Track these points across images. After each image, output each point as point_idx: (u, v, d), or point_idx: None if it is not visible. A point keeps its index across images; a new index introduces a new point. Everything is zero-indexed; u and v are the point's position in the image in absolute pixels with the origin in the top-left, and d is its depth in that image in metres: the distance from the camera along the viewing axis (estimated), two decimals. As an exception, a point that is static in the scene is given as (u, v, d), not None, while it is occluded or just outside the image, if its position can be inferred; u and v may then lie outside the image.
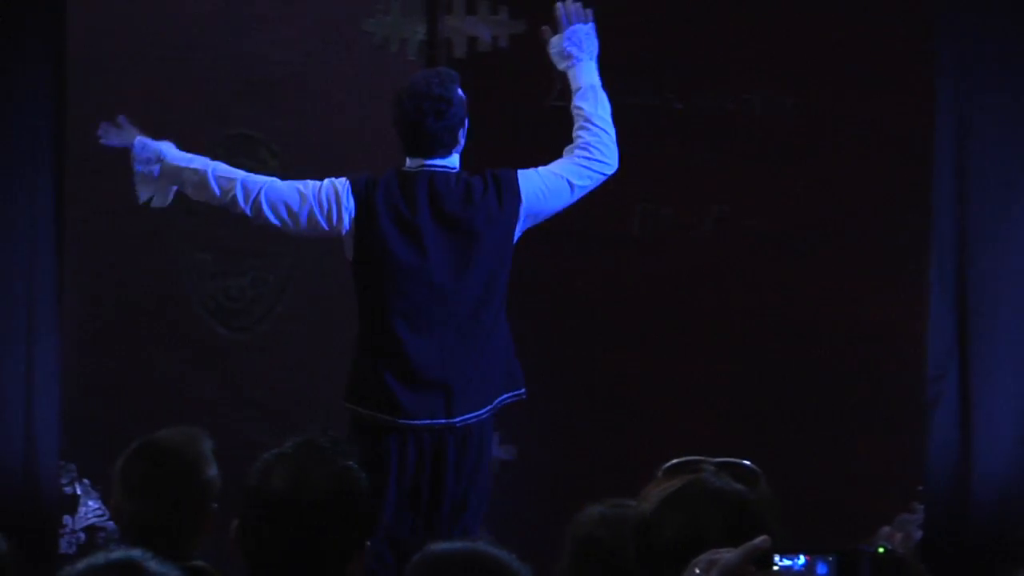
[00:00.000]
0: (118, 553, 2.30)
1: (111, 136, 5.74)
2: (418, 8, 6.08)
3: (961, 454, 7.03)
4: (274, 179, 5.57)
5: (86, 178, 6.68)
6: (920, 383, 6.03)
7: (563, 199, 5.51)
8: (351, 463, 3.10)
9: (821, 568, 2.90)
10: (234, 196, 5.51)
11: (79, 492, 6.70)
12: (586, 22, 5.59)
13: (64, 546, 6.64)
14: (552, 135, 5.91)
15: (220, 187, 5.52)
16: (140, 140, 5.67)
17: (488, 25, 6.01)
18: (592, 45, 5.60)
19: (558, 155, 5.81)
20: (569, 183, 5.50)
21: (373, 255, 5.47)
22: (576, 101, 5.55)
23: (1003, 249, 7.02)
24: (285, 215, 5.50)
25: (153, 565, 2.28)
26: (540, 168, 5.51)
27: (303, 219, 5.49)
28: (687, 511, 2.99)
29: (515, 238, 5.51)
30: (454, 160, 5.50)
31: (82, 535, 6.66)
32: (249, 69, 6.35)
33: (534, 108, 5.95)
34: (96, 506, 6.67)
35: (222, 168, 5.58)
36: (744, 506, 3.00)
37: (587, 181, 5.51)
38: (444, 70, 5.53)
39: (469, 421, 5.46)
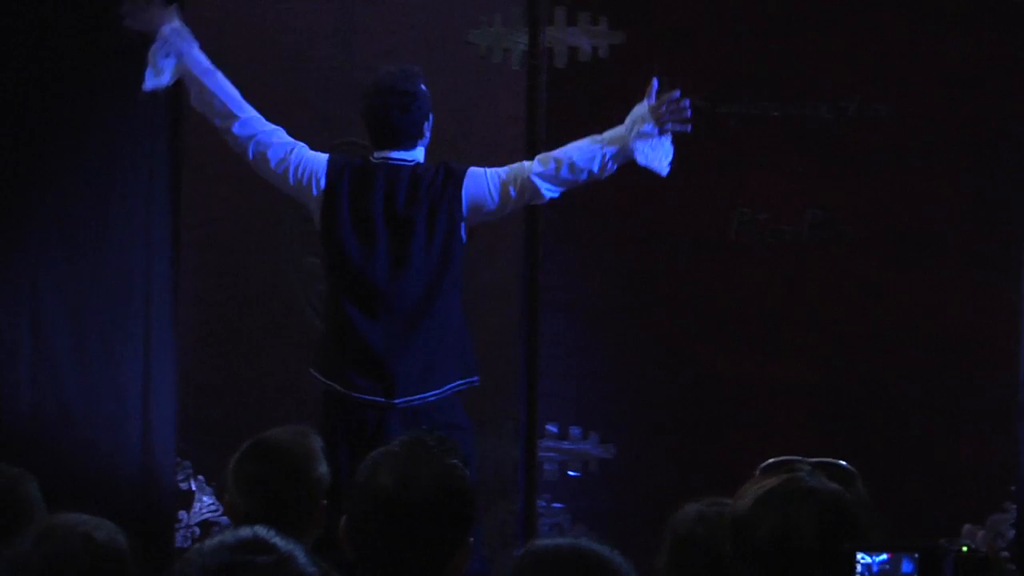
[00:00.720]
0: (246, 530, 2.32)
1: (136, 18, 5.79)
2: (520, 20, 6.08)
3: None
4: (278, 128, 5.69)
5: (201, 185, 6.74)
6: (1014, 385, 5.97)
7: (496, 200, 5.53)
8: (456, 461, 3.10)
9: (906, 566, 2.87)
10: (230, 127, 5.70)
11: (194, 488, 6.75)
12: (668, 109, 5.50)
13: (180, 540, 6.69)
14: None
15: (221, 113, 5.72)
16: (172, 28, 5.75)
17: (588, 36, 6.01)
18: (654, 150, 5.55)
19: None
20: (507, 186, 5.50)
21: (331, 238, 5.58)
22: (587, 140, 5.52)
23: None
24: (273, 164, 5.65)
25: (279, 541, 2.30)
26: (494, 168, 5.53)
27: (287, 174, 5.65)
28: (781, 509, 2.98)
29: (462, 232, 5.52)
30: (418, 153, 5.57)
31: (197, 529, 6.71)
32: (358, 79, 6.39)
33: (632, 115, 5.94)
34: (210, 501, 6.72)
35: (232, 96, 5.72)
36: (838, 505, 2.98)
37: (518, 191, 5.51)
38: (408, 67, 5.61)
39: (413, 403, 5.49)
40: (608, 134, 5.50)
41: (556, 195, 5.53)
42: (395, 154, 5.53)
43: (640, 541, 3.09)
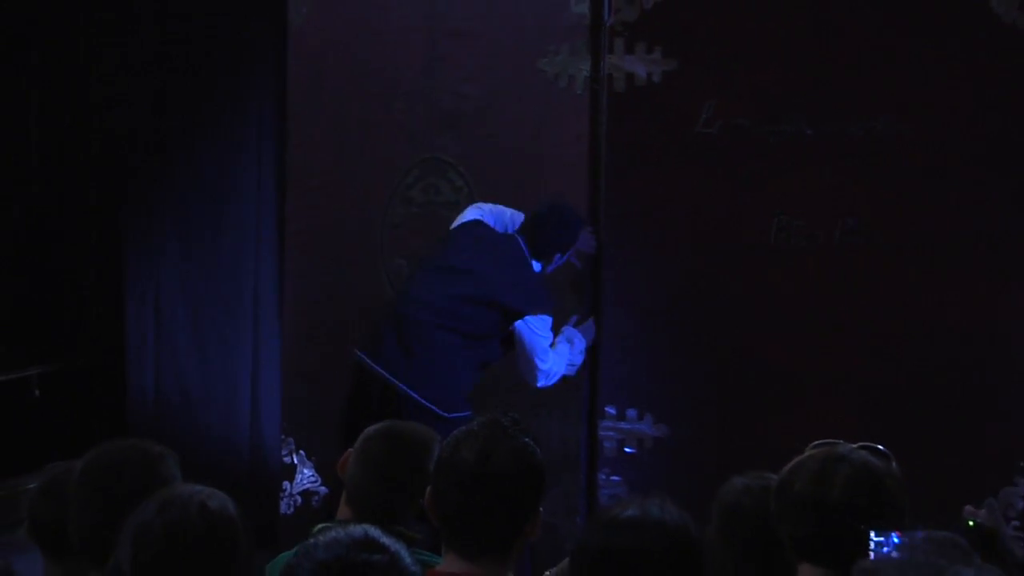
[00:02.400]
0: (357, 529, 2.33)
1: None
2: (584, 49, 6.09)
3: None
4: None
5: (304, 195, 6.79)
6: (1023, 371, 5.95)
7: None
8: (528, 439, 3.13)
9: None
10: None
11: (296, 462, 6.79)
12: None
13: (284, 507, 6.74)
14: (699, 157, 5.92)
15: None
16: None
17: (644, 63, 6.01)
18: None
19: (705, 174, 5.83)
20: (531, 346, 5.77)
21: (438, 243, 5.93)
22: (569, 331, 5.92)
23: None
24: None
25: (388, 541, 2.31)
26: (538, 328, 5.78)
27: None
28: (816, 469, 2.99)
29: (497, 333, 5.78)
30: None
31: (299, 498, 6.75)
32: (441, 102, 6.42)
33: (684, 134, 5.94)
34: (310, 473, 6.76)
35: None
36: (867, 468, 2.99)
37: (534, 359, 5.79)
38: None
39: (406, 392, 5.66)
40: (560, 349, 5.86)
41: (540, 372, 5.81)
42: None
43: (690, 512, 3.10)
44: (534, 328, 5.75)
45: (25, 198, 7.83)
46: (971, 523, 3.07)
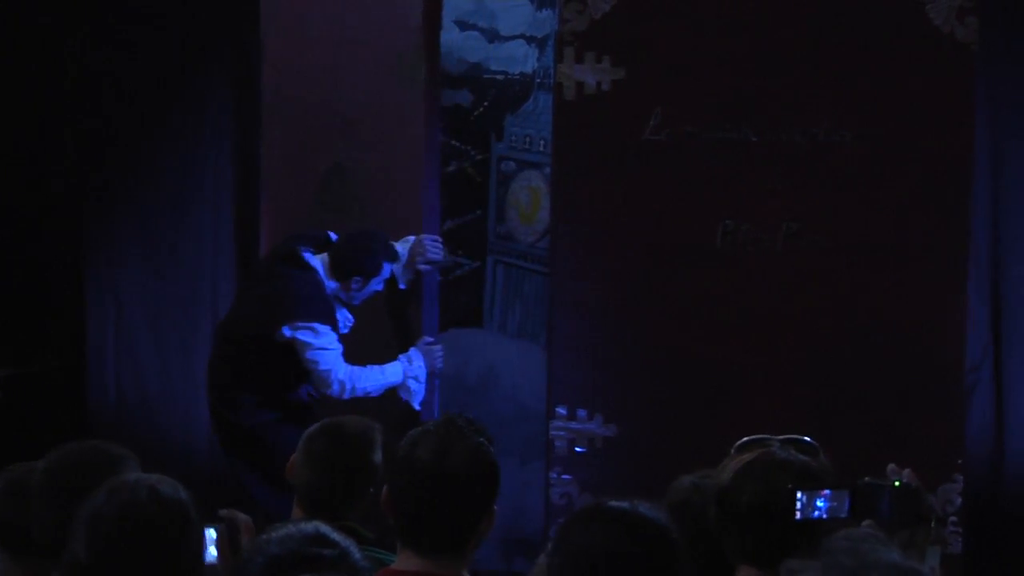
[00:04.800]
0: (309, 526, 2.33)
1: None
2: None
3: (995, 432, 6.98)
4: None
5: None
6: (960, 372, 5.99)
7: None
8: (483, 439, 3.12)
9: (847, 502, 2.87)
10: None
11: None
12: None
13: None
14: (647, 163, 5.93)
15: None
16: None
17: (593, 72, 6.01)
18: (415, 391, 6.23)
19: (653, 180, 5.85)
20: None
21: None
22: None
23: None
24: None
25: (338, 537, 2.31)
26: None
27: None
28: (761, 478, 2.98)
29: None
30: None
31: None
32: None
33: (633, 141, 5.95)
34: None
35: None
36: (809, 473, 2.99)
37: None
38: None
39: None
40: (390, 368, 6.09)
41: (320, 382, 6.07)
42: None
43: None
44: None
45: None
46: (896, 483, 3.08)
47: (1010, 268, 7.02)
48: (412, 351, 6.17)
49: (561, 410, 6.04)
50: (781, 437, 3.13)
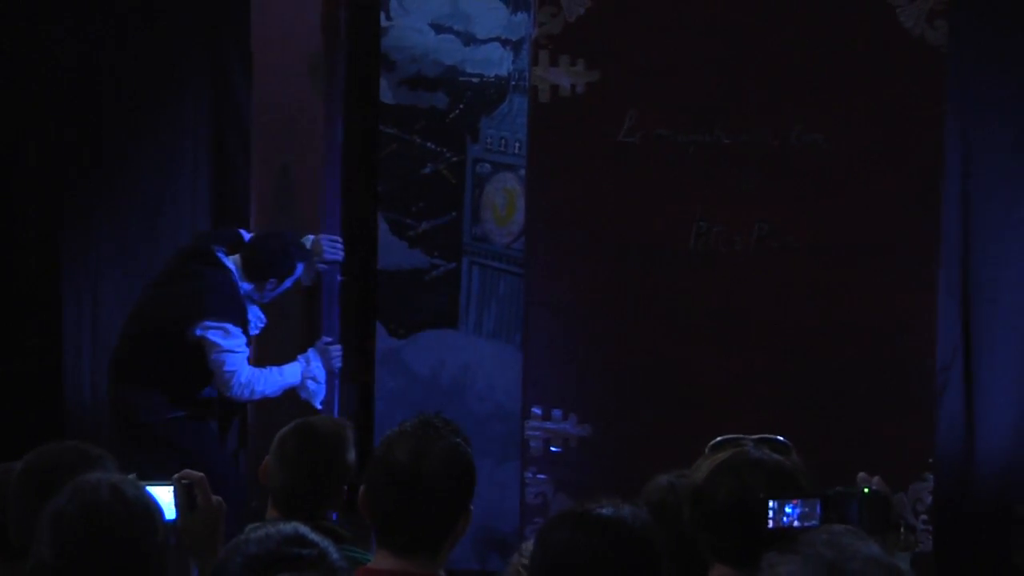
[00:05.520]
0: (287, 526, 2.33)
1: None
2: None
3: (966, 432, 7.02)
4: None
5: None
6: (931, 373, 6.01)
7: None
8: (459, 440, 3.12)
9: (820, 509, 2.88)
10: None
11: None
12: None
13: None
14: (621, 165, 5.94)
15: None
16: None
17: (568, 75, 6.01)
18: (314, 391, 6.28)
19: (627, 182, 5.86)
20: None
21: None
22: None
23: (1001, 261, 7.01)
24: None
25: (316, 537, 2.31)
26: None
27: None
28: (736, 477, 2.98)
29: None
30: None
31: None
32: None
33: (607, 143, 5.96)
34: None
35: None
36: (782, 471, 3.00)
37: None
38: None
39: None
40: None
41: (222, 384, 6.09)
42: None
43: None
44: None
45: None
46: (866, 489, 3.10)
47: (980, 269, 7.06)
48: (310, 351, 6.19)
49: (536, 410, 6.04)
50: (755, 436, 3.14)
